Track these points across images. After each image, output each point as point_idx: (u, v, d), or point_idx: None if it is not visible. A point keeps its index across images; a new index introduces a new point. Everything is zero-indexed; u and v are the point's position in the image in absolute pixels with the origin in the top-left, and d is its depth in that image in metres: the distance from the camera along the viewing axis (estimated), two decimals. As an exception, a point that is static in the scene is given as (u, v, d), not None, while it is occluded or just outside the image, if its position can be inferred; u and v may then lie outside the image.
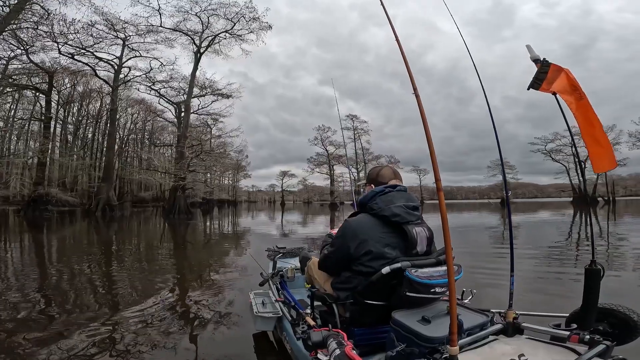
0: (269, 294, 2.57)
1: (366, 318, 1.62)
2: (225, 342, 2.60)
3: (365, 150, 52.29)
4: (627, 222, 13.97)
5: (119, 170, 39.06)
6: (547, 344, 1.34)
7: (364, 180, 1.95)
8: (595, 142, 1.58)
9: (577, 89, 1.59)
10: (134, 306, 3.48)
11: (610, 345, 1.23)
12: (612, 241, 8.12)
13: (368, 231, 1.63)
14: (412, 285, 1.45)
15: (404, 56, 1.34)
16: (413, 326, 1.35)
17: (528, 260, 5.64)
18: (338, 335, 1.40)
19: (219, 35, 24.43)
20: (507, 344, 1.36)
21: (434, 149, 1.18)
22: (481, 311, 1.59)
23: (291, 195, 79.76)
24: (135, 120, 46.34)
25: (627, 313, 1.54)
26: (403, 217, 1.62)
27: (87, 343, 2.53)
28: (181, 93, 26.34)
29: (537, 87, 1.65)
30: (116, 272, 5.51)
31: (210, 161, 26.06)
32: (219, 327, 2.93)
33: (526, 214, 20.91)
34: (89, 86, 33.55)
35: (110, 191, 24.27)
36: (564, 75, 1.62)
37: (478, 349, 1.33)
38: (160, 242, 10.15)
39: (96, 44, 22.25)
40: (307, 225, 16.05)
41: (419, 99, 1.23)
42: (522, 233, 10.37)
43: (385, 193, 1.70)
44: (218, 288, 4.25)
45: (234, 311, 3.31)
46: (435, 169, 1.19)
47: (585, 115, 1.57)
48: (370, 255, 1.59)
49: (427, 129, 1.20)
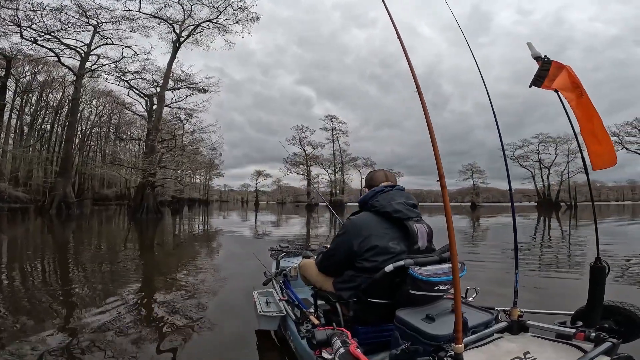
0: (273, 293, 2.55)
1: (370, 317, 1.62)
2: (226, 341, 2.56)
3: (343, 151, 52.65)
4: (588, 225, 14.82)
5: (79, 165, 36.47)
6: (553, 342, 1.32)
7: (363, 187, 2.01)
8: (595, 140, 1.58)
9: (578, 86, 1.59)
10: (93, 310, 3.09)
11: (617, 343, 1.21)
12: (574, 242, 8.50)
13: (371, 227, 1.65)
14: (416, 283, 1.45)
15: (406, 54, 1.32)
16: (417, 324, 1.34)
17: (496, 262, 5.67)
18: (342, 333, 1.39)
19: (202, 25, 23.12)
20: (512, 342, 1.34)
21: (437, 147, 1.17)
22: (485, 309, 1.59)
23: (264, 196, 78.74)
24: (100, 113, 43.75)
25: (633, 310, 1.53)
26: (404, 213, 1.66)
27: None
28: (154, 85, 24.82)
29: (539, 84, 1.65)
30: (73, 276, 4.90)
31: (183, 157, 24.76)
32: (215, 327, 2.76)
33: (496, 217, 21.74)
34: (51, 75, 31.06)
35: (68, 187, 22.35)
36: (566, 73, 1.62)
37: (483, 347, 1.31)
38: (125, 244, 9.33)
39: (64, 29, 20.52)
40: (286, 227, 15.62)
41: (422, 97, 1.22)
42: (492, 235, 10.66)
43: (385, 192, 1.75)
44: (214, 289, 3.87)
45: (227, 311, 3.17)
46: (439, 167, 1.16)
47: (586, 112, 1.58)
48: (375, 250, 1.60)
49: (430, 125, 1.18)
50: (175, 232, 12.57)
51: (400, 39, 1.39)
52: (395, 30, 1.42)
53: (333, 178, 52.67)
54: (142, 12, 21.36)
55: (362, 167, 54.07)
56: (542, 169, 47.94)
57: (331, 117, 51.66)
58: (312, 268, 2.01)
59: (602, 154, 1.58)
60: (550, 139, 46.75)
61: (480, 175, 56.49)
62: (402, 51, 1.36)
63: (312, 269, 2.00)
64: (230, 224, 16.67)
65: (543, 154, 47.58)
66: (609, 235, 10.46)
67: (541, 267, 5.40)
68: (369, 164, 53.83)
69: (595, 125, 1.57)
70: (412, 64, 1.29)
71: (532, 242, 8.95)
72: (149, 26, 22.21)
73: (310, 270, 2.01)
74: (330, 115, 52.35)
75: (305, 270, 2.07)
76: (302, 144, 51.54)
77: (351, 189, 55.77)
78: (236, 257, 6.61)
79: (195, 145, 27.44)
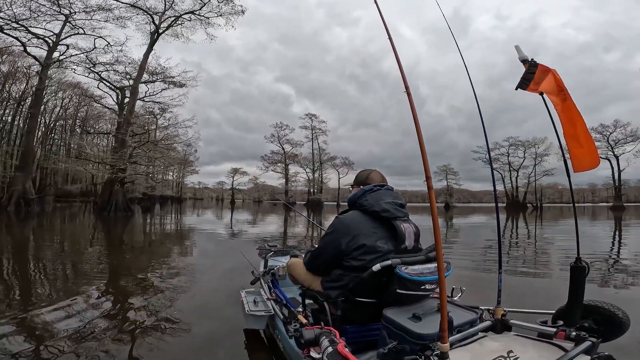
0: (261, 292, 2.53)
1: (357, 316, 1.63)
2: (214, 341, 2.51)
3: (322, 150, 52.72)
4: (552, 226, 15.69)
5: (41, 159, 34.22)
6: (535, 341, 1.36)
7: (350, 183, 2.02)
8: (577, 144, 1.61)
9: (562, 90, 1.63)
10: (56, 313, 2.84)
11: (596, 342, 1.24)
12: (541, 242, 8.90)
13: (360, 226, 1.67)
14: (403, 282, 1.46)
15: (396, 54, 1.33)
16: (404, 323, 1.36)
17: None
18: (330, 333, 1.39)
19: (183, 17, 22.11)
20: (496, 341, 1.37)
21: (424, 148, 1.17)
22: (470, 308, 1.61)
23: (240, 194, 77.43)
24: (66, 105, 41.24)
25: (612, 310, 1.56)
26: (392, 213, 1.68)
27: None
28: (127, 78, 23.60)
29: (525, 87, 1.68)
30: (35, 279, 4.54)
31: (156, 153, 23.70)
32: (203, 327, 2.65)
33: (468, 217, 22.52)
34: (15, 65, 28.94)
35: (28, 182, 20.82)
36: (551, 76, 1.65)
37: (468, 345, 1.33)
38: (91, 243, 8.81)
39: (33, 18, 19.10)
40: (263, 225, 15.38)
41: (411, 97, 1.24)
42: (465, 234, 11.02)
43: (374, 191, 1.78)
44: (188, 290, 3.68)
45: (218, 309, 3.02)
46: (426, 168, 1.18)
47: (569, 116, 1.61)
48: (363, 249, 1.61)
49: (417, 125, 1.19)
50: (146, 231, 12.03)
51: (391, 40, 1.39)
52: (386, 30, 1.42)
53: (311, 177, 52.67)
54: (121, 1, 20.29)
55: (340, 167, 54.49)
56: (511, 171, 50.35)
57: (311, 116, 51.69)
58: (300, 267, 2.01)
59: (583, 156, 1.61)
60: (520, 142, 49.23)
61: (454, 177, 58.51)
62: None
63: (300, 268, 2.00)
64: (205, 222, 16.16)
65: (512, 156, 50.05)
66: (571, 235, 11.10)
67: (510, 266, 5.60)
68: (348, 164, 54.31)
69: (578, 129, 1.60)
70: (401, 64, 1.29)
71: (503, 241, 9.32)
72: (125, 16, 21.17)
73: (298, 269, 2.01)
74: (310, 113, 52.37)
75: (293, 269, 2.08)
76: (281, 141, 51.19)
77: (328, 188, 56.05)
78: (211, 256, 6.43)
79: (169, 140, 26.32)
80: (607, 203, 60.64)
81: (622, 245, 8.86)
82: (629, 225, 15.78)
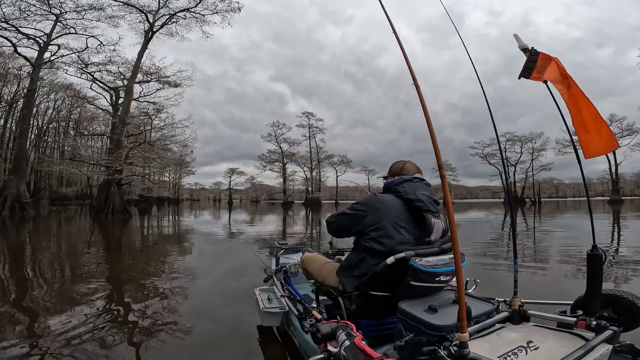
0: (274, 289, 2.57)
1: (372, 309, 1.63)
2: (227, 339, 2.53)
3: (319, 149, 52.58)
4: (552, 219, 15.69)
5: (35, 162, 33.76)
6: (555, 331, 1.34)
7: (383, 174, 1.99)
8: (584, 130, 1.59)
9: (566, 77, 1.60)
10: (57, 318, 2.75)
11: (617, 331, 1.23)
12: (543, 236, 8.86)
13: (389, 208, 1.65)
14: (417, 274, 1.45)
15: (401, 47, 1.32)
16: (420, 315, 1.35)
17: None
18: (347, 326, 1.38)
19: (178, 15, 21.67)
20: (515, 332, 1.35)
21: (435, 138, 1.18)
22: (487, 299, 1.60)
23: (237, 194, 77.20)
24: (59, 107, 40.72)
25: (632, 299, 1.54)
26: (425, 205, 1.66)
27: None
28: (120, 78, 23.21)
29: (528, 75, 1.66)
30: (33, 284, 4.36)
31: (152, 154, 23.36)
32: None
33: (467, 213, 22.54)
34: (5, 67, 28.46)
35: (22, 186, 20.35)
36: (554, 64, 1.62)
37: (486, 336, 1.31)
38: (89, 246, 8.61)
39: (23, 18, 18.65)
40: (262, 225, 15.21)
41: (419, 90, 1.23)
42: (468, 228, 10.97)
43: (413, 181, 1.76)
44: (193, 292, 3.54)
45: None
46: (437, 156, 1.18)
47: (575, 103, 1.59)
48: (383, 231, 1.60)
49: (428, 118, 1.20)
50: (144, 233, 11.84)
51: (396, 34, 1.37)
52: (391, 26, 1.39)
53: (309, 176, 52.50)
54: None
55: (338, 165, 54.38)
56: (508, 166, 50.53)
57: (308, 114, 51.53)
58: (315, 261, 2.03)
59: (592, 142, 1.58)
60: (517, 137, 49.39)
61: (452, 173, 58.59)
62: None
63: (315, 262, 2.02)
64: (204, 223, 16.00)
65: (509, 152, 50.19)
66: (570, 229, 11.09)
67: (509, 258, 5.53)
68: (345, 162, 54.23)
69: (584, 115, 1.57)
70: (408, 58, 1.27)
71: (503, 235, 9.24)
72: (118, 15, 20.62)
73: (313, 263, 2.03)
74: (307, 112, 52.20)
75: (307, 263, 2.08)
76: (279, 140, 50.99)
77: (326, 186, 55.93)
78: (211, 257, 6.31)
79: (165, 141, 25.98)
80: (603, 197, 61.08)
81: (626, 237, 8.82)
82: (629, 218, 15.81)
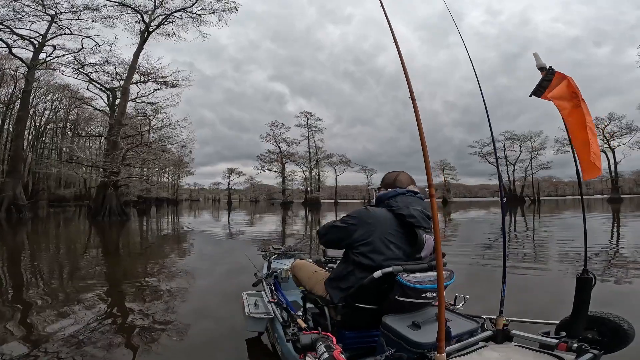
0: (262, 294, 2.51)
1: (357, 321, 1.61)
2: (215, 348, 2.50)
3: (318, 148, 52.47)
4: (557, 219, 15.65)
5: (32, 164, 33.56)
6: (535, 352, 1.32)
7: (376, 185, 1.94)
8: (585, 150, 1.57)
9: (576, 96, 1.60)
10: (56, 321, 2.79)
11: (598, 354, 1.23)
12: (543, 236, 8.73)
13: (381, 222, 1.62)
14: (403, 289, 1.44)
15: (401, 58, 1.27)
16: (403, 331, 1.33)
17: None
18: (327, 338, 1.37)
19: (174, 14, 21.51)
20: (496, 351, 1.34)
21: (427, 153, 1.16)
22: (472, 317, 1.58)
23: (237, 194, 77.09)
24: (55, 108, 40.48)
25: (618, 322, 1.54)
26: (418, 221, 1.63)
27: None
28: (117, 78, 23.01)
29: (540, 94, 1.66)
30: (33, 286, 4.24)
31: (150, 155, 23.21)
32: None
33: (467, 212, 22.49)
34: (1, 68, 28.22)
35: (18, 188, 20.21)
36: (565, 83, 1.63)
37: (466, 356, 1.29)
38: (86, 249, 8.49)
39: (17, 19, 18.48)
40: (261, 225, 15.11)
41: (415, 103, 1.19)
42: (465, 229, 10.90)
43: (406, 195, 1.72)
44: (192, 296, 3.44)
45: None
46: (428, 175, 1.16)
47: (579, 122, 1.58)
48: (372, 247, 1.58)
49: (421, 132, 1.17)
50: (142, 235, 11.72)
51: (396, 42, 1.32)
52: (392, 34, 1.34)
53: (308, 175, 52.40)
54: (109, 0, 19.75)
55: (337, 164, 54.28)
56: (507, 165, 50.53)
57: (307, 114, 51.39)
58: (305, 268, 2.00)
59: (589, 165, 1.55)
60: (515, 136, 49.40)
61: (451, 172, 58.63)
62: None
63: (305, 269, 1.99)
64: (203, 223, 15.90)
65: (508, 150, 50.22)
66: (569, 228, 11.04)
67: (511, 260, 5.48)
68: (344, 161, 54.13)
69: (579, 139, 1.57)
70: (407, 70, 1.23)
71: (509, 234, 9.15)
72: (114, 15, 20.46)
73: (303, 270, 2.00)
74: (306, 111, 52.07)
75: (297, 270, 2.05)
76: (277, 140, 50.85)
77: (325, 186, 55.80)
78: (211, 259, 6.23)
79: (163, 142, 25.83)
80: (602, 195, 61.15)
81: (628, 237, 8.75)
82: (629, 217, 15.77)
